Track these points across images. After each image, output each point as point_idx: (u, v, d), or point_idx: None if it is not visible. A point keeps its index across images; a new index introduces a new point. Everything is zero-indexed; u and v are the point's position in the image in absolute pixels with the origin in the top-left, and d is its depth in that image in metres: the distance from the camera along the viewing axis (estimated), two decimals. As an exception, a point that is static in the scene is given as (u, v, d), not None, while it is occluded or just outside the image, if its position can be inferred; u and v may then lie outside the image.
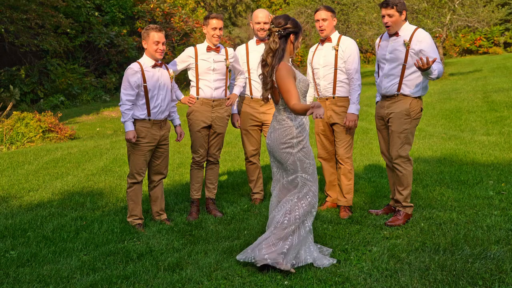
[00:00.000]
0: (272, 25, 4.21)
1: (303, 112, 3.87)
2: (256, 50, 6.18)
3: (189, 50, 5.89)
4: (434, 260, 4.20)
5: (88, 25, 23.30)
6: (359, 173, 7.53)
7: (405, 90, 5.31)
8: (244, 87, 6.20)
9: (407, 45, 5.23)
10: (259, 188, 6.38)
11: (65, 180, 7.97)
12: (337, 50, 5.66)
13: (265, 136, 6.28)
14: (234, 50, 6.18)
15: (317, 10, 5.74)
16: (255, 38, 6.24)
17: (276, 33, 4.18)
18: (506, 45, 42.17)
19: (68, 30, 21.01)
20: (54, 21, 19.58)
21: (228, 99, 5.95)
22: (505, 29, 41.80)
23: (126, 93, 5.26)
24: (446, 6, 24.79)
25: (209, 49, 5.82)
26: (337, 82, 5.68)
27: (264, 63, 4.24)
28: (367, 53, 35.11)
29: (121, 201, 6.52)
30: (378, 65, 5.59)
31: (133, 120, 5.30)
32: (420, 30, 5.28)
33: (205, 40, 5.90)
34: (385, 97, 5.47)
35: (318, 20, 5.68)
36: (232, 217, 5.70)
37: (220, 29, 5.78)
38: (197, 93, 5.89)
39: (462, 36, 40.07)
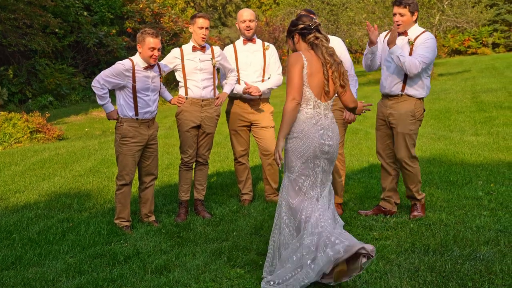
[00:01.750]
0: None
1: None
2: (244, 50, 6.15)
3: (175, 51, 5.86)
4: (424, 261, 4.19)
5: (77, 25, 23.15)
6: (348, 173, 7.50)
7: (409, 90, 5.32)
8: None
9: (411, 43, 5.26)
10: (248, 189, 6.33)
11: (52, 181, 7.89)
12: None
13: (254, 137, 6.26)
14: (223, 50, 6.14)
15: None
16: (242, 38, 6.21)
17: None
18: (495, 45, 42.40)
19: (57, 30, 20.87)
20: (43, 20, 19.43)
21: (218, 98, 5.91)
22: (493, 30, 42.04)
23: (106, 79, 5.21)
24: (435, 7, 24.88)
25: (194, 49, 5.78)
26: None
27: None
28: (356, 53, 35.17)
29: (108, 203, 6.45)
30: (376, 57, 5.52)
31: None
32: (428, 32, 5.32)
33: (191, 40, 5.85)
34: (388, 96, 5.46)
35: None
36: (220, 219, 5.66)
37: (206, 28, 5.73)
38: (186, 93, 5.84)
39: (451, 36, 40.23)
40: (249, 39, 6.15)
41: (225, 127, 13.83)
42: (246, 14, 6.10)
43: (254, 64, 6.13)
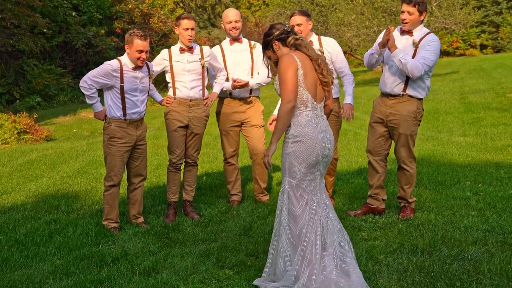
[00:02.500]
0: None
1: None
2: (231, 50, 6.15)
3: (163, 53, 5.86)
4: (412, 262, 4.19)
5: (65, 25, 23.00)
6: (337, 174, 7.48)
7: (411, 91, 5.31)
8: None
9: (415, 45, 5.24)
10: (237, 190, 6.32)
11: (39, 182, 7.83)
12: (322, 53, 5.69)
13: (244, 135, 6.25)
14: None
15: (292, 15, 5.83)
16: (228, 38, 6.21)
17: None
18: (482, 47, 42.68)
19: (45, 30, 20.72)
20: (31, 21, 19.28)
21: (207, 98, 5.90)
22: (481, 31, 42.31)
23: (93, 79, 5.17)
24: (423, 8, 24.97)
25: (182, 50, 5.76)
26: None
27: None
28: (345, 54, 35.28)
29: (96, 204, 6.41)
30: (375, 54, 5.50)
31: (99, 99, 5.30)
32: (433, 34, 5.31)
33: (179, 41, 5.83)
34: (388, 95, 5.44)
35: (293, 26, 5.69)
36: (209, 219, 5.64)
37: (192, 29, 5.71)
38: (174, 93, 5.83)
39: (439, 38, 40.43)
40: (236, 39, 6.14)
41: (214, 128, 13.80)
42: (231, 14, 6.09)
43: (243, 64, 6.12)
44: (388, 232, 4.97)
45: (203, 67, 5.82)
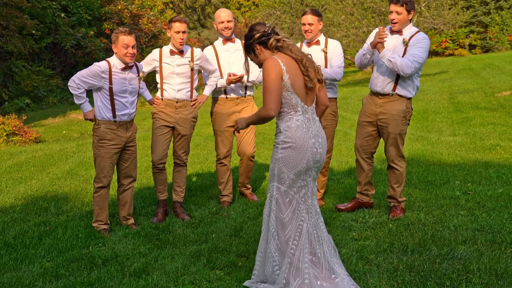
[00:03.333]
0: None
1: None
2: (224, 50, 6.15)
3: (154, 53, 5.85)
4: (402, 261, 4.21)
5: (54, 26, 22.86)
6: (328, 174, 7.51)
7: (400, 90, 5.36)
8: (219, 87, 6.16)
9: (405, 43, 5.28)
10: (228, 191, 6.32)
11: (28, 184, 7.78)
12: (326, 53, 5.84)
13: (235, 135, 6.26)
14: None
15: (304, 14, 5.87)
16: (220, 39, 6.21)
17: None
18: (471, 47, 42.92)
19: (34, 31, 20.58)
20: (19, 22, 19.16)
21: (195, 100, 5.90)
22: (470, 32, 42.55)
23: (82, 79, 5.15)
24: (412, 9, 25.09)
25: (172, 52, 5.76)
26: (327, 84, 5.84)
27: None
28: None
29: (86, 206, 6.38)
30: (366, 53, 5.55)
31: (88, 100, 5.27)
32: (422, 32, 5.36)
33: (170, 43, 5.83)
34: (378, 94, 5.47)
35: (305, 24, 5.82)
36: (200, 220, 5.63)
37: (184, 32, 5.70)
38: (162, 94, 5.85)
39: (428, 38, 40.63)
40: (228, 39, 6.15)
41: (205, 129, 13.79)
42: (223, 14, 6.10)
43: (237, 63, 6.11)
44: (378, 232, 4.99)
45: (192, 69, 5.82)
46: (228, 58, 6.14)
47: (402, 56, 5.22)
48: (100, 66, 5.17)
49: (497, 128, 11.01)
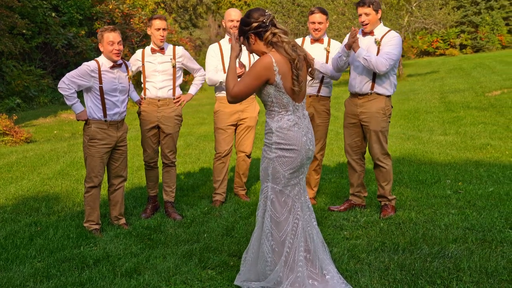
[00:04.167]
0: None
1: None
2: (229, 49, 6.15)
3: (137, 53, 5.95)
4: (394, 260, 4.22)
5: (45, 26, 22.76)
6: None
7: (379, 89, 5.46)
8: (218, 86, 6.21)
9: (378, 43, 5.40)
10: (222, 190, 6.32)
11: (19, 184, 7.74)
12: (328, 52, 5.93)
13: (236, 134, 6.28)
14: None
15: (312, 13, 5.93)
16: (227, 37, 6.25)
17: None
18: (462, 46, 43.16)
19: (24, 31, 20.49)
20: (9, 21, 19.06)
21: (178, 98, 5.92)
22: (460, 31, 42.78)
23: (72, 80, 5.13)
24: (403, 9, 25.22)
25: (153, 51, 5.82)
26: (323, 83, 5.96)
27: None
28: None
29: (77, 206, 6.36)
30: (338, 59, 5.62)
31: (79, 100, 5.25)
32: (393, 31, 5.48)
33: (151, 42, 5.86)
34: (357, 95, 5.57)
35: (314, 23, 5.89)
36: (192, 220, 5.63)
37: (164, 29, 5.78)
38: (144, 94, 5.92)
39: (419, 38, 40.79)
40: None
41: (196, 129, 13.79)
42: (233, 13, 6.17)
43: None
44: (370, 231, 5.00)
45: (174, 67, 5.84)
46: None
47: (376, 55, 5.34)
48: (89, 65, 5.17)
49: (488, 127, 11.08)
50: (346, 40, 5.52)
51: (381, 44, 5.38)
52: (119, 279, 4.12)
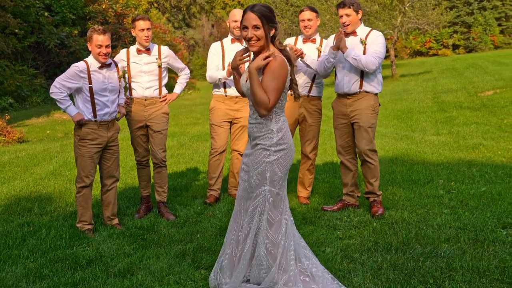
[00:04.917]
0: None
1: None
2: (232, 49, 6.22)
3: (121, 53, 5.93)
4: (386, 260, 4.24)
5: (38, 26, 22.69)
6: (313, 173, 7.54)
7: (367, 87, 5.53)
8: (218, 85, 6.22)
9: (363, 42, 5.47)
10: (217, 186, 6.34)
11: (12, 184, 7.71)
12: (320, 52, 5.95)
13: (231, 133, 6.29)
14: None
15: (302, 11, 6.01)
16: (230, 37, 6.26)
17: None
18: (455, 47, 43.33)
19: (17, 30, 20.41)
20: (2, 21, 19.00)
21: (164, 97, 5.93)
22: (453, 32, 42.96)
23: (62, 83, 5.11)
24: (397, 9, 25.30)
25: (139, 51, 5.83)
26: (314, 83, 6.01)
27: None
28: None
29: (70, 206, 6.34)
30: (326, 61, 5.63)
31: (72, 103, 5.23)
32: (375, 30, 5.59)
33: (136, 42, 5.86)
34: (346, 95, 5.61)
35: (304, 20, 5.95)
36: (185, 220, 5.62)
37: (148, 29, 5.78)
38: (130, 94, 5.92)
39: (412, 38, 40.95)
40: (237, 39, 6.18)
41: (190, 129, 13.77)
42: (238, 14, 6.16)
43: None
44: (363, 231, 5.01)
45: (159, 67, 5.85)
46: (233, 57, 6.17)
47: (363, 54, 5.43)
48: (78, 66, 5.16)
49: (480, 127, 11.13)
50: (330, 42, 5.63)
51: (367, 43, 5.45)
52: (112, 279, 4.11)
